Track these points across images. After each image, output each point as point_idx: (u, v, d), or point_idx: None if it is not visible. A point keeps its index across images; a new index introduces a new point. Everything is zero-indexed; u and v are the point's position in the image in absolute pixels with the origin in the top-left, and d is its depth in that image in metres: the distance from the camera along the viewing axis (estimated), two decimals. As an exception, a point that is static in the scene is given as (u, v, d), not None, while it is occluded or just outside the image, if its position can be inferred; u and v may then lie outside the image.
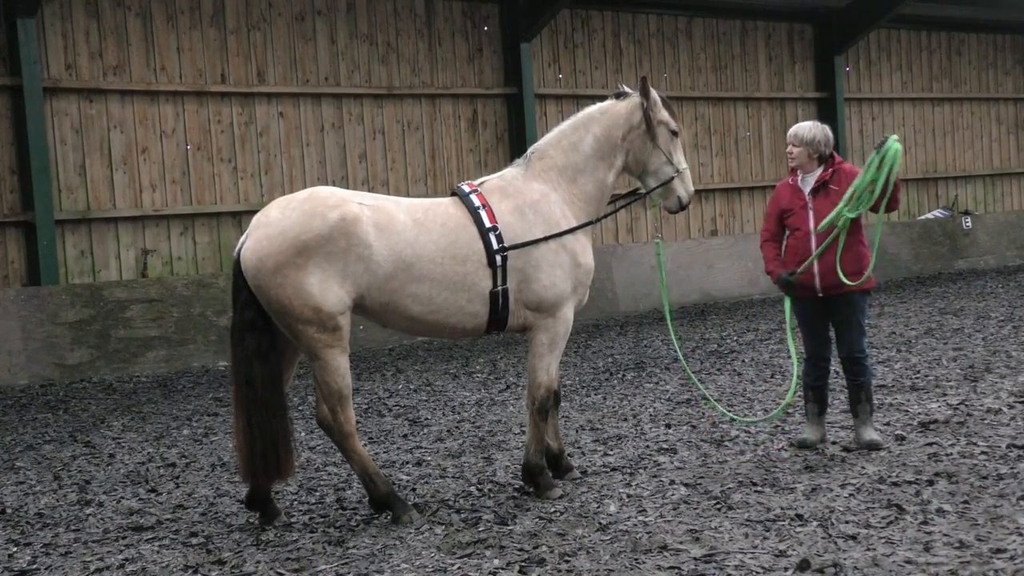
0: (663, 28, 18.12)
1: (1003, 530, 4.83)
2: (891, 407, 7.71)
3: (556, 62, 16.99)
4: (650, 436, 7.34)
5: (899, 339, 11.14)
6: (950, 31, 21.79)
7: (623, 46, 17.68)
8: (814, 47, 19.90)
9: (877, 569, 4.44)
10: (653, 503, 5.66)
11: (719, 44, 18.76)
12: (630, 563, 4.75)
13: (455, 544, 5.16)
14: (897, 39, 21.14)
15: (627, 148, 6.19)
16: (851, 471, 6.03)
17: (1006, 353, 9.70)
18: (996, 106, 22.75)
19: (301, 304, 5.42)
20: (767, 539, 4.94)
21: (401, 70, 15.51)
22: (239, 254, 5.59)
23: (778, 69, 19.54)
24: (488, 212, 5.85)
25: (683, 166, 6.25)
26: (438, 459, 7.09)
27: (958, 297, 15.00)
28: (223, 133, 14.14)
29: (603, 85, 17.35)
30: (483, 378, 10.48)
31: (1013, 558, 4.46)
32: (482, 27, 16.20)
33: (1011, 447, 6.31)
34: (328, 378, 5.54)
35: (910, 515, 5.15)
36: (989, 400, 7.66)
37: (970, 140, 22.30)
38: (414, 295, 5.63)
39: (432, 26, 15.78)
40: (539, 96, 16.56)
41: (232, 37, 14.21)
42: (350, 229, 5.48)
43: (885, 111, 21.02)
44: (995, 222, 20.96)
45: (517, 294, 5.86)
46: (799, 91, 19.70)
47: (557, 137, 6.21)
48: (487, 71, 16.23)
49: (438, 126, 15.83)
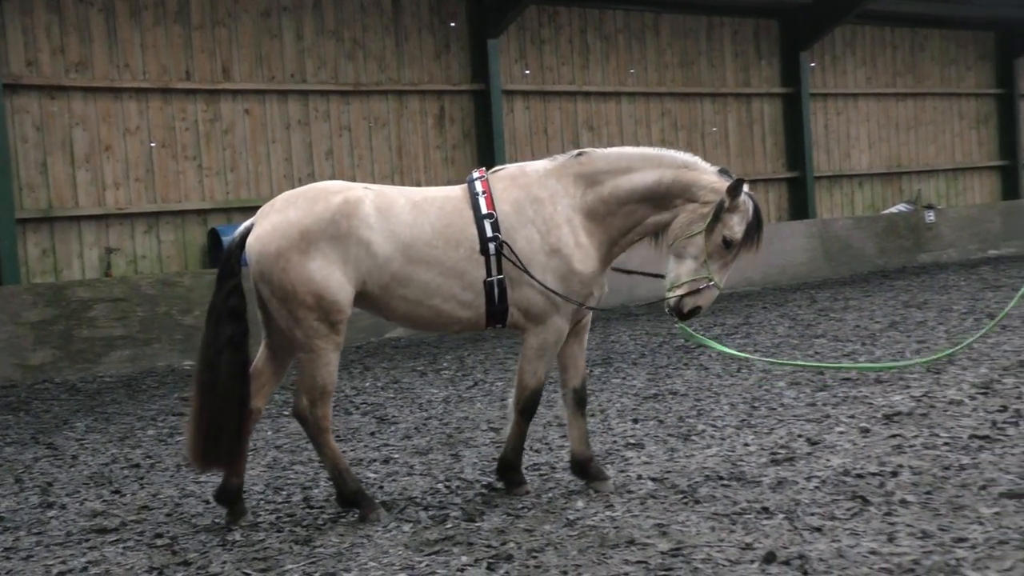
0: (630, 24, 18.16)
1: (964, 519, 4.88)
2: (856, 400, 7.77)
3: (523, 58, 16.99)
4: (617, 431, 7.36)
5: (863, 332, 11.23)
6: (913, 27, 21.99)
7: (590, 42, 17.70)
8: (780, 43, 20.01)
9: (842, 560, 4.47)
10: (620, 498, 5.68)
11: (686, 40, 18.83)
12: (597, 558, 4.75)
13: (423, 541, 5.15)
14: (861, 35, 21.30)
15: (676, 214, 5.65)
16: (816, 464, 6.07)
17: (968, 346, 9.80)
18: (958, 101, 22.97)
19: (304, 289, 5.41)
20: (733, 532, 4.96)
21: (368, 66, 15.46)
22: (236, 242, 5.62)
23: (744, 65, 19.63)
24: (487, 199, 5.67)
25: (714, 279, 5.60)
26: (406, 456, 7.08)
27: (921, 290, 15.14)
28: (188, 131, 14.04)
29: (570, 81, 17.39)
30: (451, 375, 10.47)
31: (974, 547, 4.51)
32: (449, 23, 16.17)
33: (972, 437, 6.38)
34: (316, 372, 5.51)
35: (874, 506, 5.19)
36: (951, 392, 7.74)
37: (933, 135, 22.51)
38: (412, 278, 5.56)
39: (399, 22, 15.73)
40: (506, 92, 16.55)
41: (197, 33, 14.10)
42: (352, 211, 5.48)
43: (850, 106, 21.17)
44: (957, 216, 21.16)
45: (513, 290, 5.67)
46: (765, 87, 19.80)
47: (620, 154, 5.79)
48: (454, 67, 16.21)
49: (405, 123, 15.79)
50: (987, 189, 23.52)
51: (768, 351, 10.42)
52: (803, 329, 11.85)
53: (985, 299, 13.42)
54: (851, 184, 21.27)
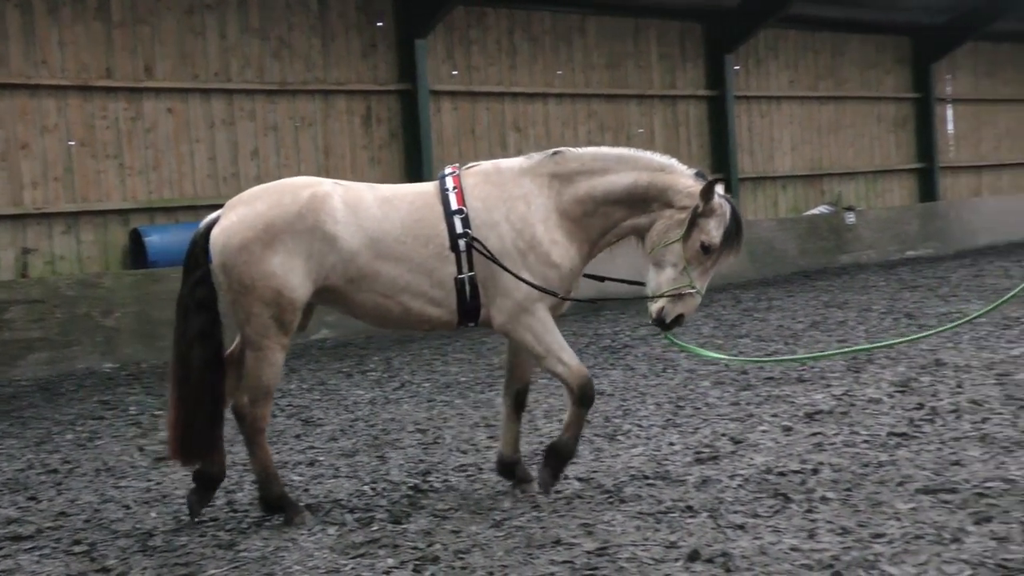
0: (557, 25, 18.23)
1: (882, 515, 4.98)
2: (778, 399, 7.89)
3: (451, 59, 16.97)
4: (544, 432, 7.38)
5: (786, 332, 11.41)
6: (834, 31, 22.41)
7: (517, 43, 17.74)
8: (705, 46, 20.25)
9: (764, 557, 4.54)
10: (547, 498, 5.69)
11: (612, 42, 18.96)
12: (524, 558, 4.76)
13: (348, 544, 5.12)
14: (784, 39, 21.65)
15: (654, 219, 5.58)
16: (740, 462, 6.15)
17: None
18: (878, 105, 23.47)
19: (263, 284, 5.35)
20: (658, 531, 5.01)
21: (294, 66, 15.31)
22: (201, 232, 5.58)
23: (670, 67, 19.83)
24: (458, 195, 5.56)
25: (696, 286, 5.55)
26: (331, 459, 7.02)
27: (842, 290, 15.44)
28: (108, 129, 13.78)
29: (498, 82, 17.41)
30: (377, 376, 10.42)
31: (891, 542, 4.61)
32: (376, 23, 16.09)
33: (891, 435, 6.52)
34: (262, 371, 5.47)
35: (796, 504, 5.27)
36: (871, 390, 7.89)
37: (853, 138, 22.97)
38: (379, 273, 5.49)
39: (325, 21, 15.61)
40: (434, 93, 16.52)
41: (118, 31, 13.85)
42: (319, 205, 5.42)
43: (773, 109, 21.51)
44: (877, 218, 21.61)
45: (487, 284, 5.55)
46: (691, 89, 20.03)
47: (595, 155, 5.70)
48: (381, 67, 16.13)
49: (332, 123, 15.67)
50: (905, 191, 24.06)
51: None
52: (728, 329, 12.00)
53: (903, 299, 13.71)
54: (774, 186, 21.61)
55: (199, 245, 5.59)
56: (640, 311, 14.07)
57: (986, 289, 14.16)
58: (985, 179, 25.82)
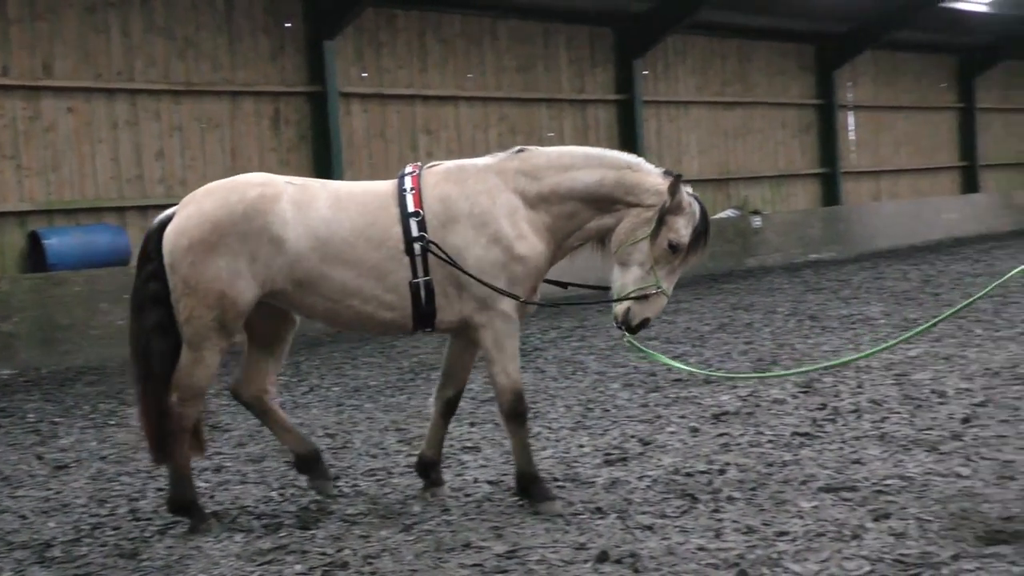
0: (468, 29, 18.24)
1: (786, 514, 5.08)
2: (686, 400, 7.99)
3: (361, 61, 16.86)
4: (454, 435, 7.36)
5: (693, 334, 11.57)
6: (741, 38, 22.82)
7: (428, 46, 17.70)
8: (614, 51, 20.45)
9: (672, 557, 4.59)
10: (457, 501, 5.68)
11: (523, 46, 19.03)
12: (434, 562, 4.75)
13: (255, 551, 5.04)
14: (692, 45, 21.97)
15: (620, 218, 5.46)
16: (648, 464, 6.22)
17: (791, 346, 10.22)
18: (783, 111, 23.96)
19: (207, 287, 5.28)
20: (568, 533, 5.03)
21: (200, 66, 15.06)
22: (155, 228, 5.51)
23: (580, 72, 19.98)
24: (415, 196, 5.39)
25: (662, 287, 5.41)
26: (239, 465, 6.92)
27: (748, 293, 15.71)
28: (6, 128, 13.39)
29: (408, 84, 17.35)
30: (286, 380, 10.29)
31: (795, 540, 4.70)
32: (285, 24, 15.90)
33: (795, 435, 6.65)
34: (195, 372, 5.40)
35: (702, 504, 5.35)
36: (775, 391, 8.04)
37: (759, 143, 23.41)
38: (327, 277, 5.36)
39: (232, 21, 15.38)
40: (343, 95, 16.40)
41: (15, 27, 13.47)
42: (267, 207, 5.32)
43: (681, 114, 21.81)
44: (782, 221, 22.05)
45: (445, 287, 5.39)
46: (600, 93, 20.20)
47: (561, 152, 5.60)
48: (290, 69, 15.95)
49: (239, 124, 15.45)
50: (809, 195, 24.59)
51: (603, 354, 10.62)
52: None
53: (807, 301, 14.01)
54: (683, 190, 21.87)
55: (152, 240, 5.52)
56: (549, 314, 14.17)
57: (885, 291, 14.54)
58: (884, 184, 26.53)
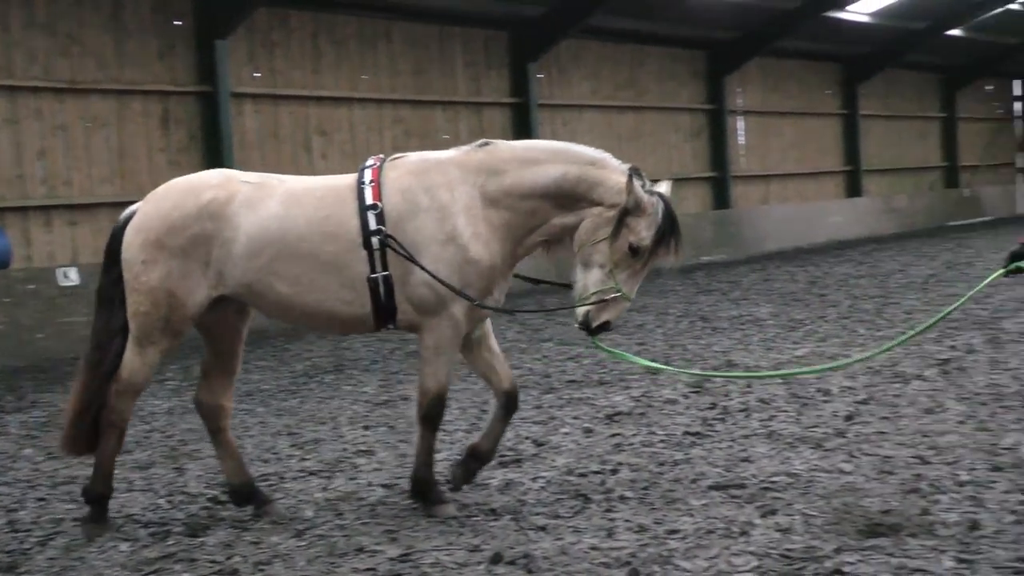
0: (363, 30, 18.10)
1: (677, 512, 5.17)
2: (580, 401, 8.06)
3: (253, 61, 16.59)
4: (348, 439, 7.32)
5: (585, 335, 11.64)
6: (634, 43, 23.10)
7: (322, 47, 17.52)
8: (509, 54, 20.52)
9: (565, 557, 4.63)
10: (350, 506, 5.64)
11: (418, 48, 18.96)
12: (326, 568, 4.71)
13: (142, 560, 4.93)
14: (587, 49, 22.17)
15: (582, 218, 5.30)
16: (542, 465, 6.26)
17: (683, 347, 10.39)
18: (675, 115, 24.32)
19: (157, 285, 5.23)
20: (462, 535, 5.04)
21: (85, 64, 14.63)
22: (120, 226, 5.46)
23: (475, 75, 20.00)
24: (374, 189, 5.22)
25: (622, 291, 5.39)
26: (125, 471, 6.74)
27: (640, 294, 15.80)
28: None
29: (302, 85, 17.14)
30: (176, 385, 10.09)
31: (685, 537, 4.78)
32: (175, 22, 15.56)
33: (686, 434, 6.77)
34: (135, 367, 5.36)
35: (595, 503, 5.40)
36: (667, 391, 8.17)
37: (652, 146, 23.72)
38: (280, 274, 5.23)
39: (119, 18, 14.98)
40: (235, 95, 16.08)
41: None
42: (219, 211, 5.25)
43: (575, 117, 21.99)
44: (675, 224, 22.36)
45: (402, 285, 5.23)
46: (495, 96, 20.25)
47: (526, 146, 5.52)
48: (180, 68, 15.61)
49: (127, 124, 15.04)
50: (700, 199, 25.02)
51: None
52: (531, 334, 12.19)
53: (699, 303, 14.26)
54: (577, 193, 22.07)
55: (117, 239, 5.46)
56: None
57: (774, 293, 14.89)
58: (772, 188, 27.15)
